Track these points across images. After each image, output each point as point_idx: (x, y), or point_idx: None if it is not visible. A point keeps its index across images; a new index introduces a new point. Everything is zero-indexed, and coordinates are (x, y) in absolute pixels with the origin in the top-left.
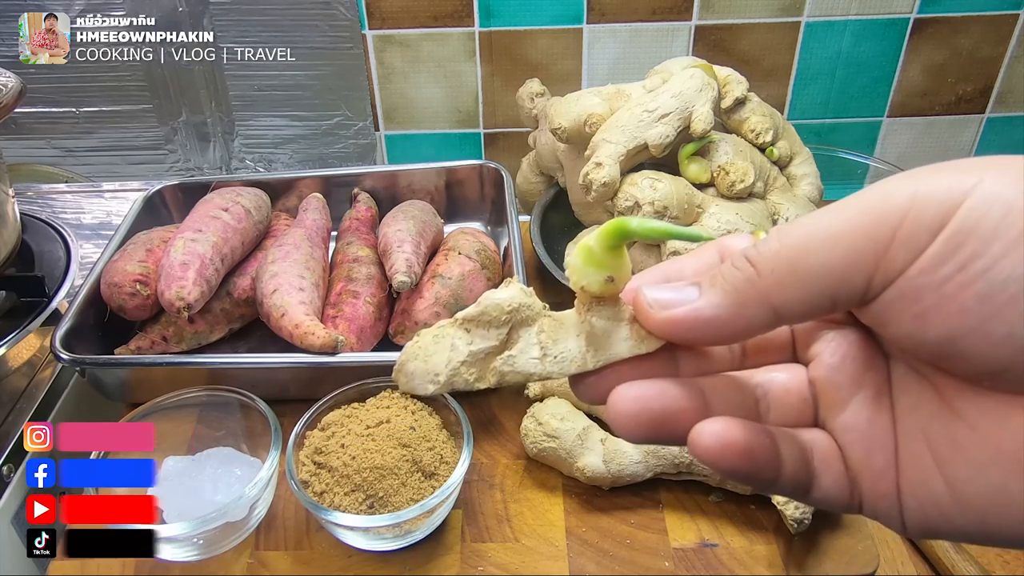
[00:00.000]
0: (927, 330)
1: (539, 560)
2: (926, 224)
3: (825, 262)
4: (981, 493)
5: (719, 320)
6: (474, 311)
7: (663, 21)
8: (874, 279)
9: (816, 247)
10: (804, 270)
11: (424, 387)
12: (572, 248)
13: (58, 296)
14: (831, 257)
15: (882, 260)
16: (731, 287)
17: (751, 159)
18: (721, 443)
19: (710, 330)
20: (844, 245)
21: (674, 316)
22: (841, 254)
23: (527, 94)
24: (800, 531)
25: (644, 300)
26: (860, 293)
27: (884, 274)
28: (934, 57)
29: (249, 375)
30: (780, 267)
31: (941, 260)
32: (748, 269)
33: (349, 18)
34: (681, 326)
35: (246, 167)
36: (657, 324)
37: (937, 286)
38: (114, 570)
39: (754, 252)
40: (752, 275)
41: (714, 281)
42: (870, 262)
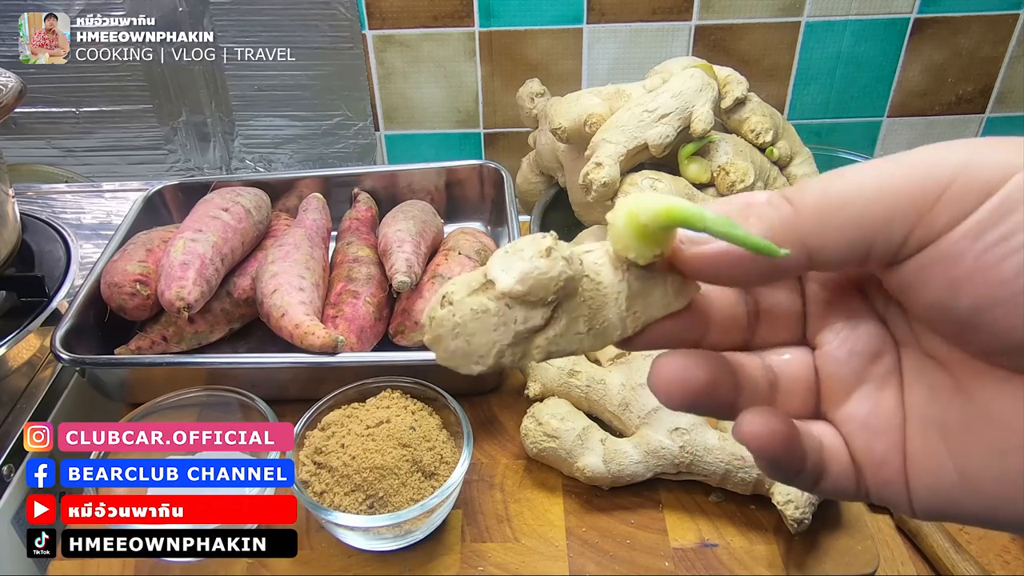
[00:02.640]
0: (959, 297)
1: (539, 560)
2: (975, 188)
3: (868, 208)
4: (994, 479)
5: (751, 256)
6: (519, 288)
7: (663, 21)
8: (912, 234)
9: (860, 194)
10: (845, 214)
11: (468, 368)
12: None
13: (58, 296)
14: (875, 205)
15: (925, 216)
16: (767, 225)
17: (751, 159)
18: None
19: (741, 267)
20: (890, 195)
21: (706, 251)
22: (886, 203)
23: (527, 94)
24: (800, 531)
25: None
26: (896, 247)
27: (924, 232)
28: (934, 57)
29: (249, 375)
30: (821, 209)
31: (985, 227)
32: (786, 208)
33: (349, 18)
34: (713, 261)
35: (246, 167)
36: (689, 259)
37: (977, 253)
38: (114, 570)
39: (794, 192)
40: (789, 214)
41: (747, 219)
42: (912, 216)
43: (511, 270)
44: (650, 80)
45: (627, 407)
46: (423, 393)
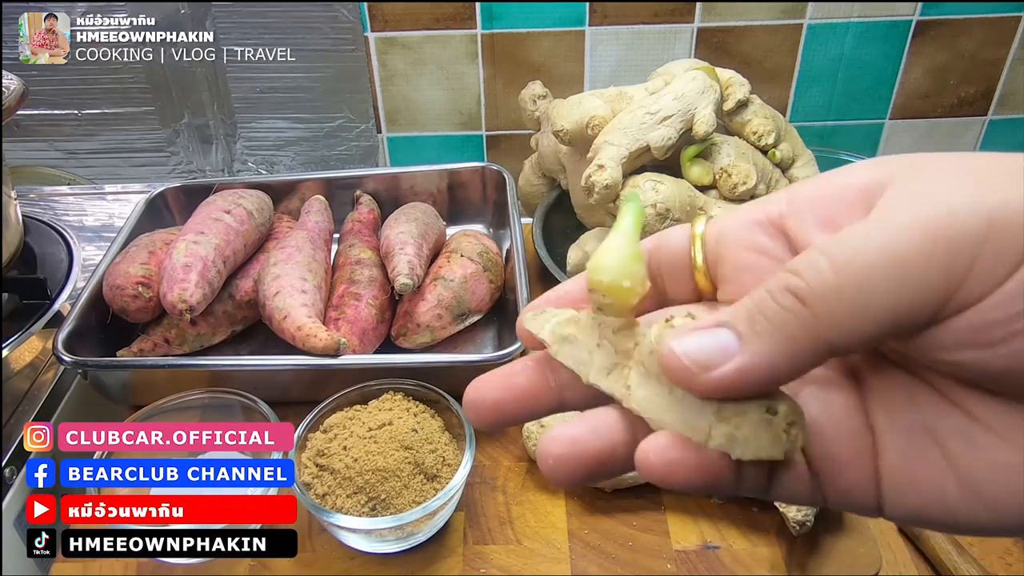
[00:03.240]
0: (989, 362)
1: (541, 562)
2: (1006, 257)
3: (893, 297)
4: (1006, 494)
5: (774, 373)
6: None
7: (665, 23)
8: (942, 312)
9: (881, 280)
10: (869, 307)
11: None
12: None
13: (60, 298)
14: (900, 292)
15: (955, 295)
16: (780, 332)
17: (753, 161)
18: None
19: (762, 384)
20: (915, 279)
21: (721, 378)
22: (912, 289)
23: (529, 96)
24: (802, 533)
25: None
26: (925, 324)
27: (954, 306)
28: (936, 59)
29: (251, 377)
30: (839, 305)
31: (1017, 295)
32: (798, 308)
33: (351, 20)
34: (731, 386)
35: (248, 169)
36: (702, 389)
37: (1009, 321)
38: (116, 571)
39: (802, 285)
40: (804, 315)
41: (754, 323)
42: (942, 297)
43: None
44: (652, 82)
45: None
46: (425, 395)
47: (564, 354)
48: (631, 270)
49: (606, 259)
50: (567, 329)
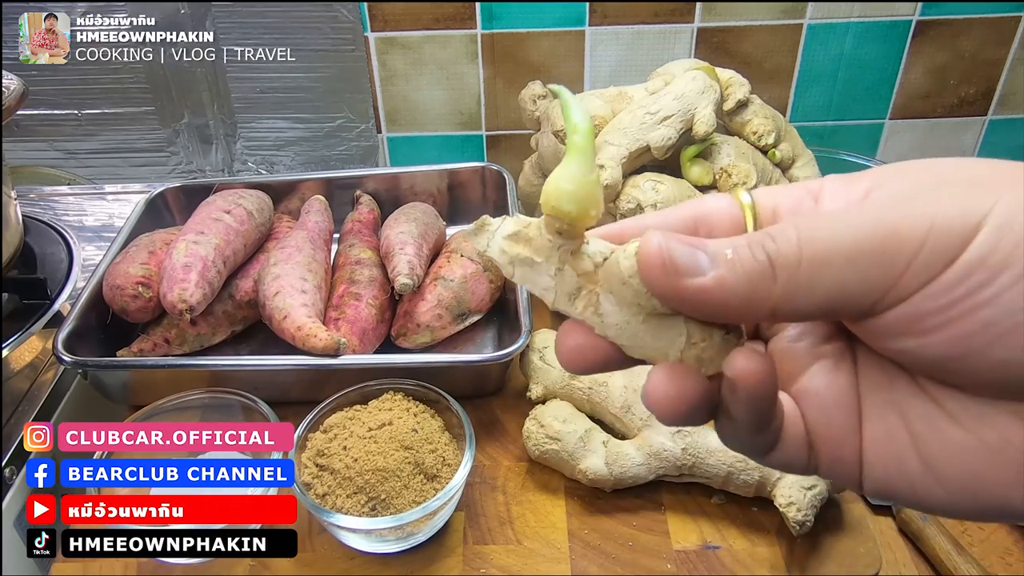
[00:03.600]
0: (927, 348)
1: (541, 562)
2: (940, 255)
3: (838, 280)
4: (957, 477)
5: (724, 304)
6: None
7: (665, 23)
8: (879, 302)
9: (833, 263)
10: (816, 284)
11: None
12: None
13: (60, 298)
14: (845, 277)
15: (893, 287)
16: (745, 278)
17: (753, 161)
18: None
19: (710, 307)
20: (861, 267)
21: (682, 285)
22: (856, 276)
23: (529, 96)
24: (802, 533)
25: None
26: (861, 312)
27: (891, 298)
28: (936, 59)
29: (251, 377)
30: (796, 276)
31: (951, 287)
32: (766, 266)
33: (351, 20)
34: (688, 299)
35: (248, 169)
36: (663, 288)
37: (943, 310)
38: (116, 571)
39: (774, 249)
40: (768, 273)
41: (728, 260)
42: (881, 288)
43: None
44: (652, 82)
45: (629, 409)
46: (425, 395)
47: (521, 277)
48: (595, 196)
49: (571, 187)
50: (519, 249)
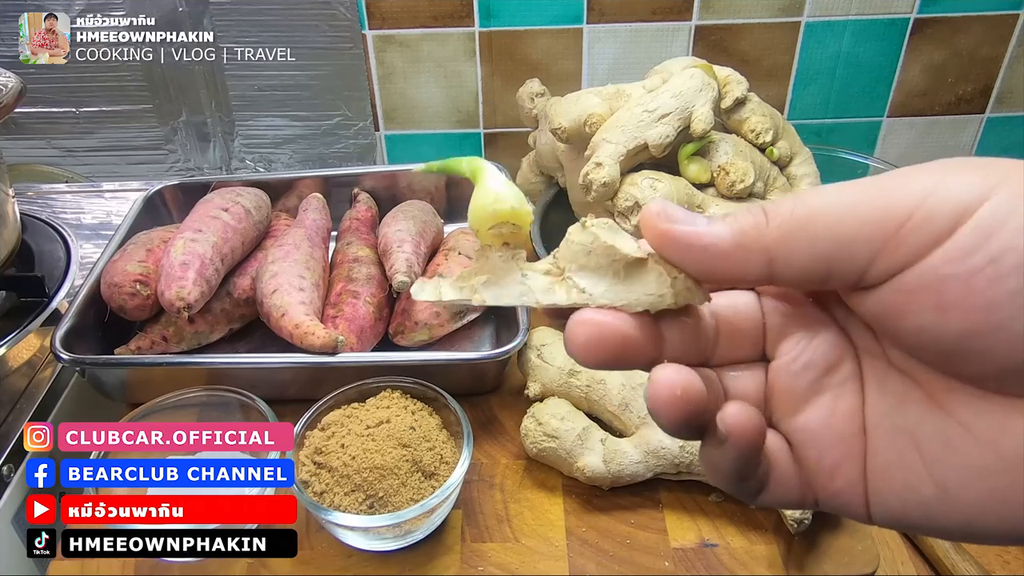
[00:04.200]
0: (948, 323)
1: (539, 560)
2: (945, 212)
3: (832, 228)
4: (975, 497)
5: (716, 249)
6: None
7: (663, 21)
8: (877, 260)
9: (827, 214)
10: (810, 231)
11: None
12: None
13: (58, 296)
14: (839, 225)
15: (889, 241)
16: (738, 226)
17: (751, 159)
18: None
19: (704, 257)
20: (854, 217)
21: (673, 229)
22: (849, 224)
23: (527, 94)
24: (800, 531)
25: (654, 205)
26: (859, 270)
27: (889, 257)
28: (934, 57)
29: (249, 375)
30: (788, 223)
31: (969, 250)
32: (759, 216)
33: (349, 18)
34: (678, 243)
35: (246, 167)
36: (657, 234)
37: (965, 278)
38: (114, 570)
39: (770, 204)
40: (761, 222)
41: (724, 218)
42: (876, 240)
43: None
44: (650, 80)
45: (627, 407)
46: (423, 393)
47: (494, 297)
48: (520, 194)
49: (500, 188)
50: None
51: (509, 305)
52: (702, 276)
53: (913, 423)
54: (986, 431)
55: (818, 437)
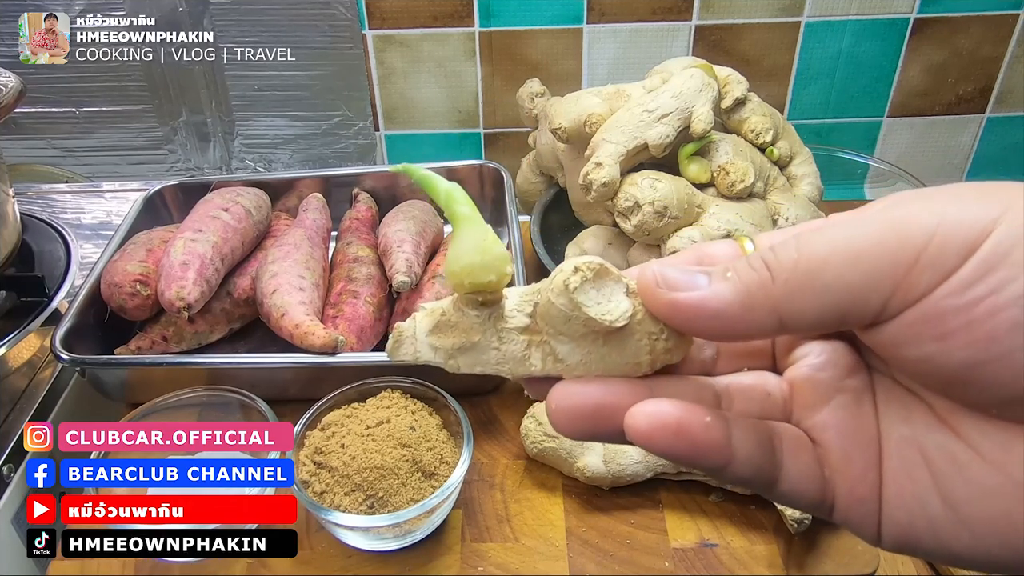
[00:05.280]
0: (950, 354)
1: (539, 560)
2: (954, 247)
3: (842, 279)
4: (983, 518)
5: (724, 315)
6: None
7: (663, 21)
8: (891, 301)
9: (835, 262)
10: (819, 284)
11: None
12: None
13: (58, 296)
14: (850, 275)
15: (902, 282)
16: (743, 286)
17: (751, 159)
18: (652, 422)
19: (713, 323)
20: (865, 264)
21: (678, 299)
22: (861, 273)
23: (527, 94)
24: (800, 531)
25: (650, 275)
26: (873, 314)
27: (903, 296)
28: (934, 57)
29: (249, 375)
30: (795, 277)
31: (971, 282)
32: (763, 272)
33: (349, 18)
34: (684, 312)
35: (246, 167)
36: (661, 305)
37: (966, 309)
38: (114, 570)
39: (772, 257)
40: (766, 279)
41: (726, 275)
42: (890, 283)
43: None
44: (650, 80)
45: None
46: (423, 393)
47: (468, 364)
48: (504, 255)
49: (481, 257)
50: (450, 340)
51: (481, 372)
52: (711, 339)
53: (920, 435)
54: (992, 452)
55: (843, 434)
